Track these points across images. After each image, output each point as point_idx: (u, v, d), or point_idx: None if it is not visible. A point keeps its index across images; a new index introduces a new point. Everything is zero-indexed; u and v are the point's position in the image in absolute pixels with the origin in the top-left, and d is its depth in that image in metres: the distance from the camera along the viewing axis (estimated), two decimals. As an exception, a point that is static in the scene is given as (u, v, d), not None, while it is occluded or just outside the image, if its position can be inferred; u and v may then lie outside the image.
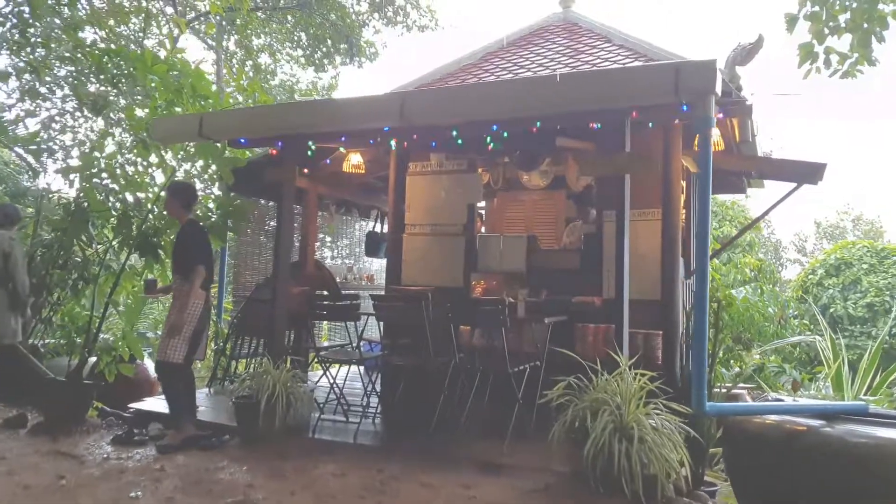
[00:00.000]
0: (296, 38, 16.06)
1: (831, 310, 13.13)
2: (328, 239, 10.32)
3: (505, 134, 5.42)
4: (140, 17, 12.62)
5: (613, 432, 3.70)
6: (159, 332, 10.52)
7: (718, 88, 3.88)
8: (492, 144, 5.34)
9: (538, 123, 4.61)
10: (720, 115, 5.12)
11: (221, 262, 7.86)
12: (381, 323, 6.32)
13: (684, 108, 4.23)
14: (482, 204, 8.34)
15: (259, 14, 15.85)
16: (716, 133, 5.90)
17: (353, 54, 14.88)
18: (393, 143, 5.34)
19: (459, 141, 5.57)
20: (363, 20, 15.58)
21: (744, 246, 14.39)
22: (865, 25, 6.79)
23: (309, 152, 6.12)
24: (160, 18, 14.22)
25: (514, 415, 4.86)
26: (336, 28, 15.07)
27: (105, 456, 4.85)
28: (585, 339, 5.96)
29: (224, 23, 16.26)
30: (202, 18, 15.83)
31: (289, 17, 16.00)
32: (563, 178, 7.63)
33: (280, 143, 5.52)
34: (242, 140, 5.59)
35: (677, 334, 5.93)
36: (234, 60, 15.95)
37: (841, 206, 31.88)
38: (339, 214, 8.85)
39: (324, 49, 15.87)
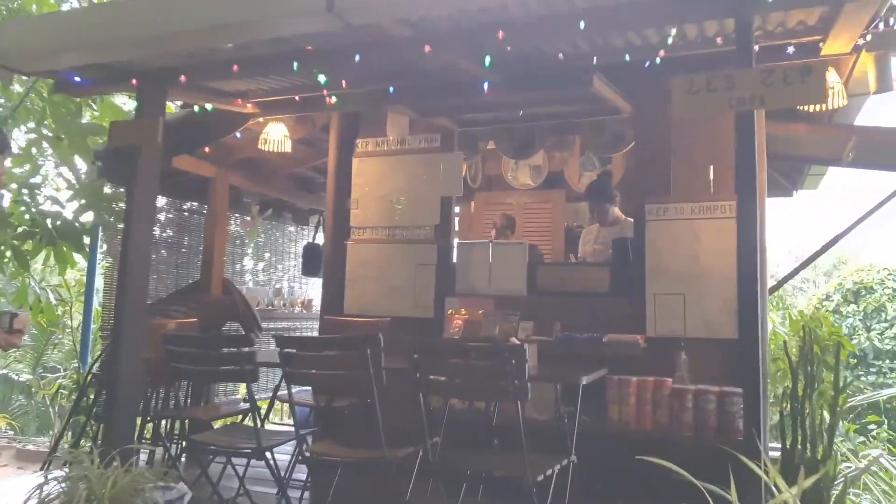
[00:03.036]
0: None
1: (853, 341, 11.36)
2: (273, 256, 8.11)
3: (509, 49, 3.34)
4: None
5: None
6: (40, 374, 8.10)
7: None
8: (487, 81, 3.22)
9: (581, 25, 2.50)
10: (860, 43, 3.14)
11: (88, 283, 5.55)
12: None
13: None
14: (456, 209, 6.32)
15: None
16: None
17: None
18: (322, 77, 3.18)
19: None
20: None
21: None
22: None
23: (196, 107, 3.94)
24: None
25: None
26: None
27: None
28: (625, 400, 3.87)
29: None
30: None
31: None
32: (560, 175, 5.98)
33: (136, 83, 3.31)
34: (75, 77, 3.36)
35: (765, 392, 3.89)
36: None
37: (805, 232, 30.71)
38: (263, 217, 6.61)
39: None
